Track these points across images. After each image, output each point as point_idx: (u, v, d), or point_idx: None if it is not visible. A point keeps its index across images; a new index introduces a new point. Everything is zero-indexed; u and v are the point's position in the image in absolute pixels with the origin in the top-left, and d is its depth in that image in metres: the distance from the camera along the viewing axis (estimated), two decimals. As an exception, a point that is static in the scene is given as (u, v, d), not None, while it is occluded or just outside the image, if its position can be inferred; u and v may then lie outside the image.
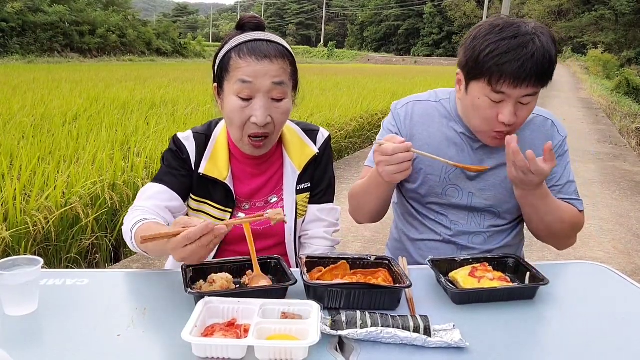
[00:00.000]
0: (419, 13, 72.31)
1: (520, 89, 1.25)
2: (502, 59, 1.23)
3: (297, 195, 1.46)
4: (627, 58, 40.79)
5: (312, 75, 15.92)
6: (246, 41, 1.29)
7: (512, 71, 1.23)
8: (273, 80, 1.26)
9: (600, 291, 1.27)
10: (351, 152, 7.14)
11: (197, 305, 0.98)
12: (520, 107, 1.30)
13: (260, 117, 1.26)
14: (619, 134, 9.92)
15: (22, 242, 2.84)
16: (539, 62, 1.23)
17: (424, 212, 1.54)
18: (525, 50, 1.22)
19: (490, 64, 1.25)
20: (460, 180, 1.47)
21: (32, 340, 0.95)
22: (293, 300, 1.03)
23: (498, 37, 1.25)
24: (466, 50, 1.31)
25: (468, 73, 1.32)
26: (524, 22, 1.29)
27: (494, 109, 1.30)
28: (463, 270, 1.23)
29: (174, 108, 7.08)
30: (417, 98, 1.55)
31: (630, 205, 5.05)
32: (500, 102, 1.29)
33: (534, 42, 1.24)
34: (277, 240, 1.46)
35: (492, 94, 1.28)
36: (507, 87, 1.25)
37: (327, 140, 1.53)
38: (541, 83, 1.27)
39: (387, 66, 39.61)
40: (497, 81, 1.25)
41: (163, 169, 1.40)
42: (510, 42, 1.24)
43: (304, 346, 0.88)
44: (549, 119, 1.50)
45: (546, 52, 1.24)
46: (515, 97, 1.27)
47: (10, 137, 4.36)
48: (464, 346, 0.95)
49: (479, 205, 1.48)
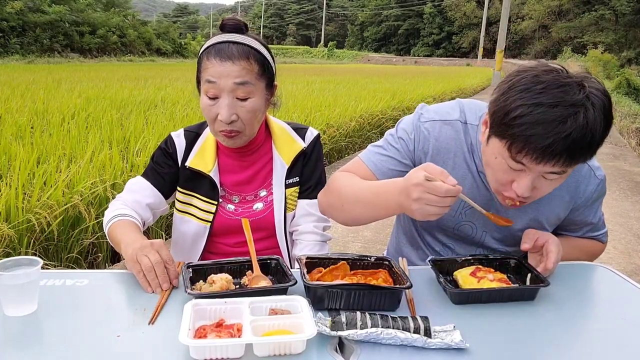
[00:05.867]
0: (419, 13, 72.36)
1: (545, 166, 1.05)
2: (530, 130, 1.01)
3: (286, 189, 1.51)
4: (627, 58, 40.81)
5: (312, 75, 15.93)
6: (214, 43, 1.36)
7: (537, 147, 1.01)
8: (235, 80, 1.32)
9: (600, 291, 1.27)
10: (351, 152, 7.14)
11: (185, 308, 0.97)
12: (542, 181, 1.11)
13: (224, 115, 1.33)
14: (619, 134, 9.92)
15: (24, 239, 2.85)
16: (576, 142, 1.00)
17: (430, 241, 1.46)
18: (562, 126, 0.99)
19: (515, 130, 1.03)
20: (476, 217, 1.35)
21: (32, 341, 0.95)
22: (279, 296, 1.04)
23: (535, 99, 1.01)
24: (497, 99, 1.09)
25: (491, 126, 1.11)
26: (578, 83, 1.02)
27: (510, 174, 1.12)
28: (465, 270, 1.23)
29: (174, 108, 7.08)
30: (445, 117, 1.31)
31: (630, 205, 5.05)
32: (519, 171, 1.10)
33: (577, 118, 0.99)
34: (268, 233, 1.51)
35: (510, 161, 1.08)
36: (528, 161, 1.05)
37: (316, 138, 1.58)
38: (575, 163, 1.05)
39: (387, 66, 39.62)
40: (517, 151, 1.05)
41: (150, 165, 1.51)
42: (546, 111, 1.00)
43: (303, 339, 0.90)
44: (586, 162, 1.22)
45: (589, 131, 1.00)
46: (537, 172, 1.08)
47: (9, 136, 4.36)
48: (464, 347, 0.94)
49: (490, 244, 1.40)
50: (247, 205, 1.50)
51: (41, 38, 27.84)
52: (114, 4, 37.24)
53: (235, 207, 1.49)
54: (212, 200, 1.47)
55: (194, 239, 1.49)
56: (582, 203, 1.34)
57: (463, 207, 1.34)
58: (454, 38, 68.19)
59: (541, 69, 1.06)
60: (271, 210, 1.49)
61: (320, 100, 8.56)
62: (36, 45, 27.48)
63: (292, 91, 10.07)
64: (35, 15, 27.85)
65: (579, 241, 1.45)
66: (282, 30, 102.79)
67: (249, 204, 1.50)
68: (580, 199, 1.33)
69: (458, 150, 1.30)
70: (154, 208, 1.46)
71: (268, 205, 1.50)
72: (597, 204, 1.39)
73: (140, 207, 1.42)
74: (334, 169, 6.12)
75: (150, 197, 1.44)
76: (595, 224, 1.42)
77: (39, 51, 27.28)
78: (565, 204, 1.34)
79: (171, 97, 8.31)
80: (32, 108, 6.22)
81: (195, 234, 1.48)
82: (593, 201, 1.36)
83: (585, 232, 1.44)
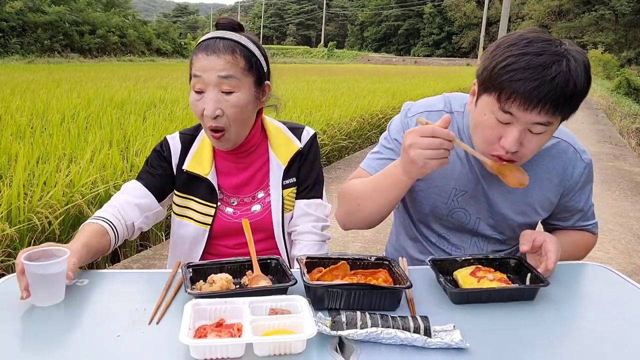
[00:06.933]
0: (419, 13, 72.41)
1: (531, 114, 1.10)
2: (517, 75, 1.08)
3: (283, 190, 1.50)
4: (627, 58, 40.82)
5: (312, 75, 15.93)
6: (203, 40, 1.38)
7: (524, 91, 1.08)
8: (219, 73, 1.32)
9: (600, 291, 1.27)
10: (351, 152, 7.14)
11: (185, 307, 0.97)
12: (529, 136, 1.15)
13: (209, 108, 1.33)
14: (619, 134, 9.92)
15: (25, 239, 2.85)
16: (559, 87, 1.07)
17: (426, 232, 1.49)
18: (547, 71, 1.07)
19: (504, 78, 1.10)
20: (469, 205, 1.39)
21: (32, 341, 0.95)
22: (279, 296, 1.04)
23: (521, 50, 1.10)
24: (485, 59, 1.17)
25: (481, 84, 1.18)
26: (559, 41, 1.12)
27: (498, 130, 1.16)
28: (465, 269, 1.23)
29: (174, 108, 7.08)
30: (431, 108, 1.40)
31: (630, 205, 5.05)
32: (507, 125, 1.15)
33: (560, 64, 1.07)
34: (266, 235, 1.50)
35: (499, 112, 1.14)
36: (516, 109, 1.11)
37: (313, 138, 1.56)
38: (559, 113, 1.11)
39: (387, 66, 39.63)
40: (506, 99, 1.11)
41: (144, 167, 1.50)
42: (532, 58, 1.08)
43: (303, 339, 0.90)
44: (571, 144, 1.36)
45: (572, 78, 1.07)
46: (524, 123, 1.13)
47: (9, 136, 4.36)
48: (464, 347, 0.94)
49: (484, 230, 1.42)
50: (245, 207, 1.49)
51: (41, 38, 27.84)
52: (114, 4, 37.25)
53: (234, 209, 1.48)
54: (210, 203, 1.47)
55: (193, 242, 1.48)
56: (571, 187, 1.39)
57: (455, 194, 1.38)
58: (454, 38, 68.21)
59: (524, 31, 1.16)
60: (269, 212, 1.49)
61: (320, 100, 8.56)
62: (36, 45, 27.49)
63: (292, 91, 10.07)
64: (35, 15, 27.85)
65: (572, 235, 1.46)
66: (282, 30, 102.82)
67: (247, 206, 1.49)
68: (568, 181, 1.38)
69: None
70: (144, 209, 1.43)
71: (266, 206, 1.49)
72: (586, 190, 1.43)
73: (129, 208, 1.40)
74: (334, 169, 6.13)
75: (140, 198, 1.43)
76: (585, 211, 1.45)
77: (39, 51, 27.29)
78: (555, 187, 1.38)
79: (171, 97, 8.31)
80: (32, 108, 6.23)
81: (194, 237, 1.48)
82: (582, 185, 1.40)
83: (576, 222, 1.46)
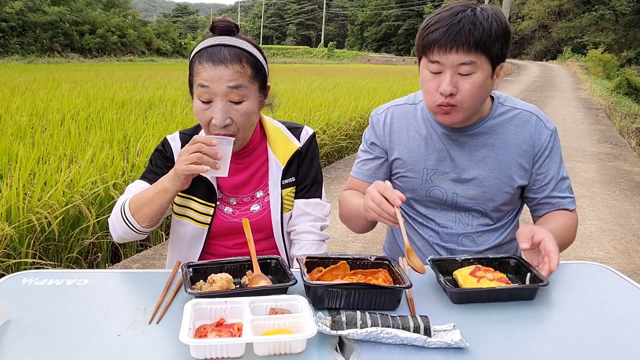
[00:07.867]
0: (419, 13, 72.30)
1: (452, 55, 1.27)
2: (432, 27, 1.29)
3: (282, 190, 1.50)
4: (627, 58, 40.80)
5: (312, 75, 15.93)
6: (206, 47, 1.35)
7: (438, 36, 1.27)
8: (228, 84, 1.31)
9: (600, 291, 1.27)
10: (351, 152, 7.14)
11: (185, 307, 0.98)
12: (460, 80, 1.31)
13: (218, 119, 1.32)
14: (618, 134, 9.91)
15: (25, 239, 2.85)
16: (466, 28, 1.25)
17: (412, 214, 1.57)
18: (455, 17, 1.27)
19: (425, 36, 1.31)
20: (442, 181, 1.48)
21: (33, 340, 0.95)
22: (279, 296, 1.04)
23: (437, 13, 1.32)
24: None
25: (416, 52, 1.38)
26: (478, 4, 1.33)
27: (435, 80, 1.32)
28: (465, 269, 1.23)
29: (174, 108, 7.08)
30: (396, 103, 1.57)
31: (630, 205, 5.05)
32: (439, 74, 1.31)
33: (466, 12, 1.27)
34: (265, 235, 1.50)
35: (429, 64, 1.32)
36: (437, 55, 1.29)
37: (312, 137, 1.57)
38: (476, 51, 1.27)
39: (387, 66, 39.60)
40: (429, 50, 1.30)
41: (148, 167, 1.51)
42: (443, 13, 1.30)
43: (303, 339, 0.90)
44: (534, 114, 1.49)
45: (477, 21, 1.26)
46: (450, 66, 1.29)
47: (9, 136, 4.36)
48: (464, 346, 0.95)
49: (464, 203, 1.48)
50: (244, 207, 1.49)
51: (41, 38, 27.86)
52: (114, 4, 37.27)
53: (233, 209, 1.49)
54: (209, 202, 1.47)
55: (192, 241, 1.48)
56: (540, 152, 1.47)
57: (428, 173, 1.49)
58: (454, 38, 68.02)
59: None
60: (268, 212, 1.49)
61: (320, 100, 8.57)
62: (36, 45, 27.50)
63: (292, 91, 10.08)
64: (35, 15, 27.87)
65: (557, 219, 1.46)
66: (282, 31, 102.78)
67: (246, 206, 1.50)
68: (536, 147, 1.47)
69: (410, 125, 1.52)
70: None
71: (265, 206, 1.49)
72: (556, 158, 1.48)
73: None
74: (334, 169, 6.13)
75: None
76: (558, 181, 1.48)
77: (39, 51, 27.30)
78: (524, 153, 1.46)
79: (171, 97, 8.31)
80: (32, 108, 6.23)
81: (193, 236, 1.48)
82: (550, 152, 1.47)
83: (551, 191, 1.48)
